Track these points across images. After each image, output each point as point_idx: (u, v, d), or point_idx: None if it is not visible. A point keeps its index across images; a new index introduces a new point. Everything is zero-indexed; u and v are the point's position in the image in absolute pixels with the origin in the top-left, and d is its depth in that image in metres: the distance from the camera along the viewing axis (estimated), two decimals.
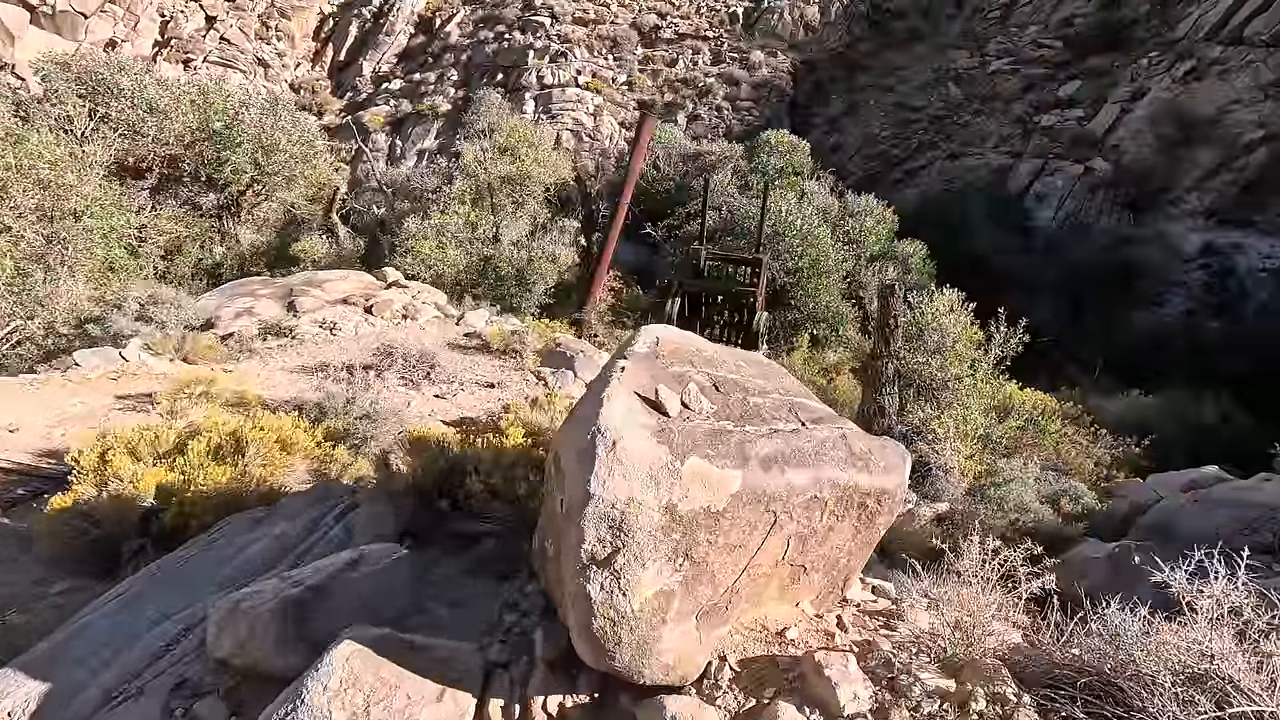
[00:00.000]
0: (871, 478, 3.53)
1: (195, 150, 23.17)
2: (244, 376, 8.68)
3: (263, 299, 11.16)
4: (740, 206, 24.73)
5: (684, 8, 47.56)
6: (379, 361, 8.51)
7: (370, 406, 6.65)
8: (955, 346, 13.79)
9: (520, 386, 9.08)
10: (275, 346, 9.83)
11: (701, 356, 3.88)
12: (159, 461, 5.10)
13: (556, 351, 9.84)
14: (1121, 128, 35.39)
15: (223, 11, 46.40)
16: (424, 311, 11.16)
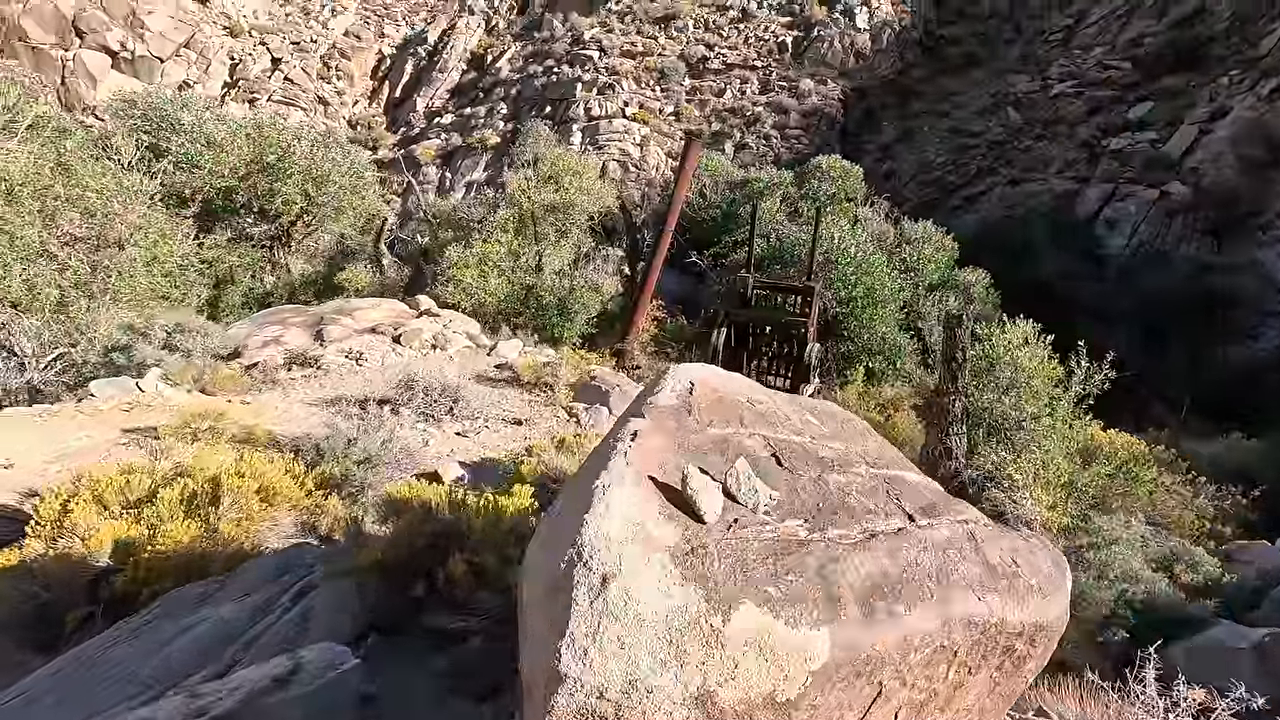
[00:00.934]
0: (1021, 606, 2.38)
1: (249, 182, 23.65)
2: (261, 409, 8.22)
3: (292, 328, 10.82)
4: (790, 234, 23.82)
5: (732, 38, 47.49)
6: (398, 395, 7.93)
7: (378, 448, 6.00)
8: (1031, 383, 12.47)
9: (550, 424, 8.36)
10: (299, 377, 9.39)
11: (754, 411, 2.83)
12: (128, 511, 4.53)
13: (591, 385, 9.10)
14: (1200, 150, 33.26)
15: (287, 53, 48.50)
16: (454, 341, 10.61)
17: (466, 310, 20.27)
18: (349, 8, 65.15)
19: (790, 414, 2.98)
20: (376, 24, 64.43)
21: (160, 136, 22.67)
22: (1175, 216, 31.82)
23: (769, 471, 2.42)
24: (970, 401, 13.02)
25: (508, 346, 10.69)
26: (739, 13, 49.09)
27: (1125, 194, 33.61)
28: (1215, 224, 30.81)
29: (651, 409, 2.54)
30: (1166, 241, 31.44)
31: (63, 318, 12.67)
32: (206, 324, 10.25)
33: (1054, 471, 11.06)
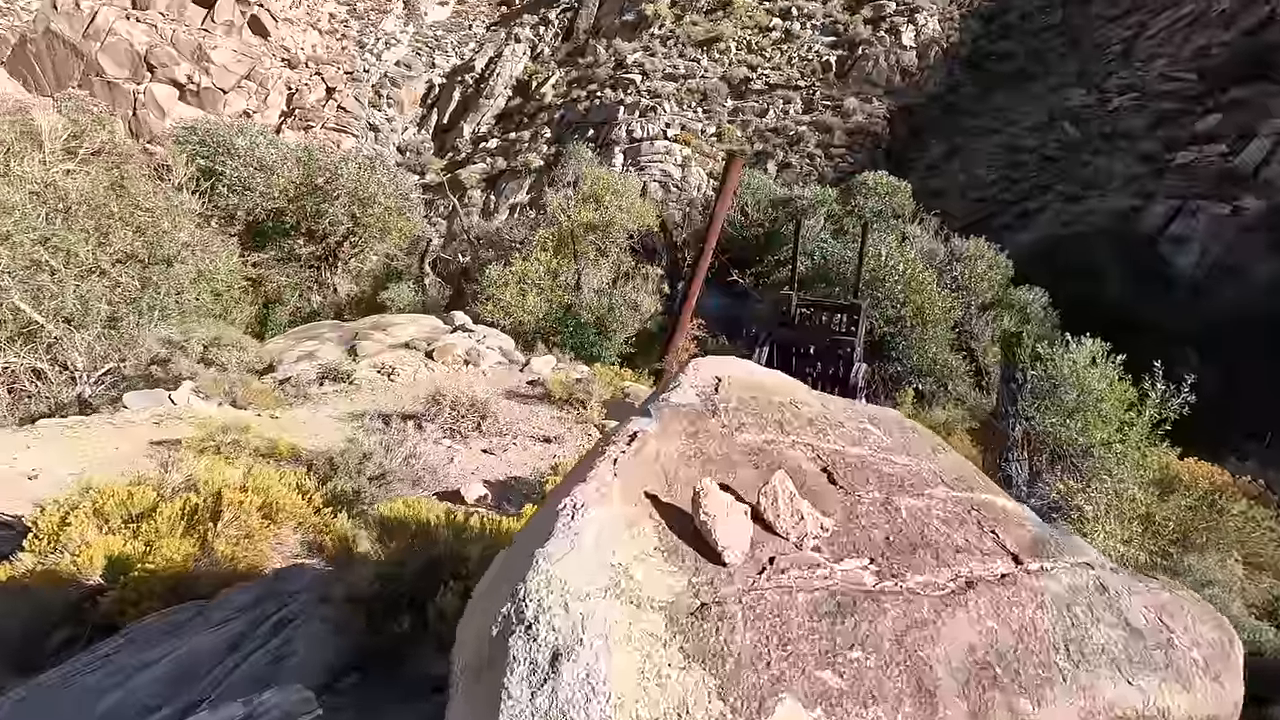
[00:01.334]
0: (1187, 690, 1.68)
1: (298, 204, 24.22)
2: (289, 423, 8.08)
3: (328, 343, 10.79)
4: (834, 252, 23.16)
5: (775, 59, 47.34)
6: (425, 410, 7.69)
7: (397, 464, 5.73)
8: (1100, 406, 11.57)
9: (580, 442, 7.98)
10: (331, 392, 9.28)
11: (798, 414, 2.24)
12: (128, 525, 4.31)
13: (625, 403, 8.73)
14: (1277, 162, 31.40)
15: (341, 83, 50.32)
16: (487, 357, 10.40)
17: (505, 329, 20.22)
18: (402, 41, 67.58)
19: (844, 419, 2.35)
20: (427, 55, 66.58)
21: (216, 160, 23.49)
22: (1253, 232, 29.97)
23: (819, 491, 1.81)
24: (1031, 425, 12.16)
25: (541, 363, 10.42)
26: (782, 34, 48.98)
27: (1194, 209, 31.87)
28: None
29: (663, 408, 1.96)
30: (1242, 258, 29.59)
31: (112, 333, 12.94)
32: (243, 338, 10.28)
33: (1129, 503, 10.13)
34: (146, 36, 42.44)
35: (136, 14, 43.59)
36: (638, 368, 21.91)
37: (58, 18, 41.72)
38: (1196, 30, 39.01)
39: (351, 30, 65.98)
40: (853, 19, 48.00)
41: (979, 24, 47.05)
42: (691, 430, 1.78)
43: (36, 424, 7.79)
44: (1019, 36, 46.34)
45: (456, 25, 73.52)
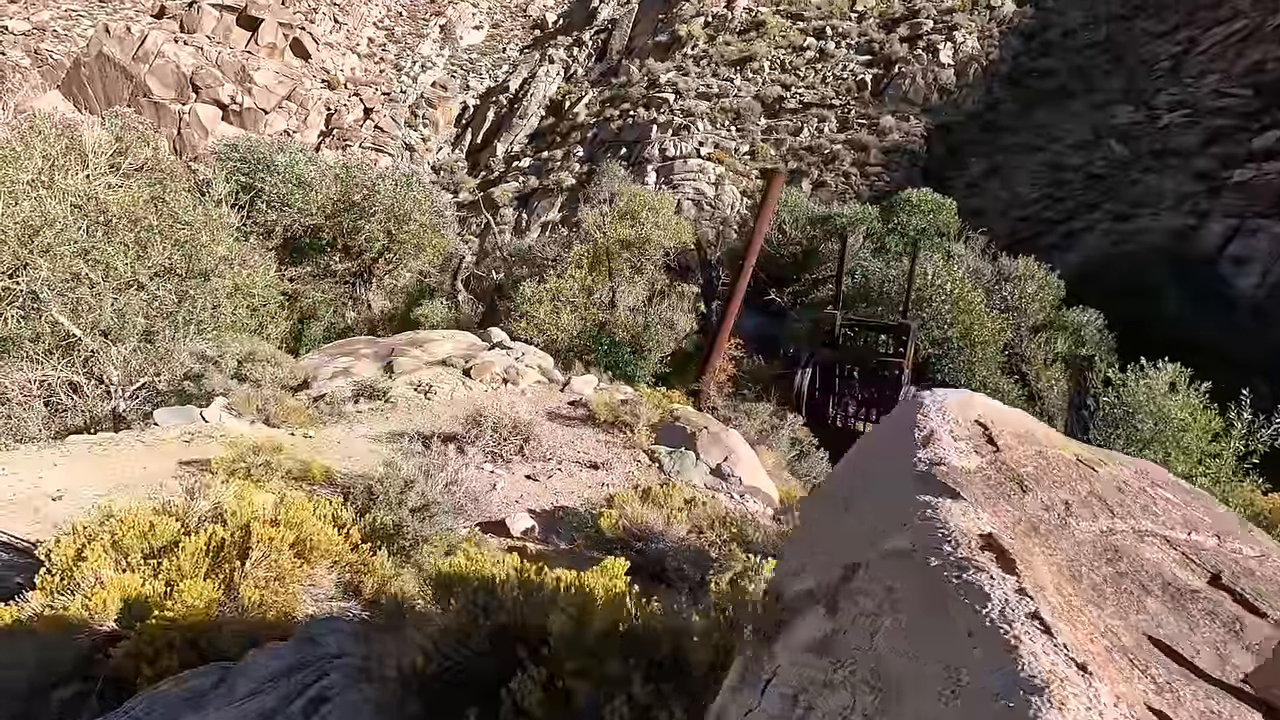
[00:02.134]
0: None
1: (335, 220, 24.32)
2: (322, 443, 7.71)
3: (363, 359, 10.48)
4: (876, 271, 22.46)
5: (809, 78, 47.00)
6: (465, 432, 7.25)
7: (438, 491, 5.27)
8: (1181, 437, 10.72)
9: (629, 468, 7.46)
10: (366, 410, 8.92)
11: (1100, 479, 1.60)
12: (148, 561, 3.89)
13: (674, 427, 8.19)
14: None
15: (379, 104, 51.20)
16: (526, 375, 9.97)
17: (539, 345, 19.87)
18: (437, 64, 68.88)
19: (1128, 478, 1.71)
20: (462, 77, 67.72)
21: (256, 177, 23.73)
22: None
23: (1241, 625, 1.18)
24: None
25: (582, 382, 9.95)
26: (816, 53, 48.68)
27: (1254, 229, 30.51)
28: None
29: (952, 475, 1.32)
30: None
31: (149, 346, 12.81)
32: (277, 353, 10.03)
33: None
34: (193, 59, 43.69)
35: (184, 37, 44.97)
36: (673, 387, 21.40)
37: (110, 41, 43.18)
38: (1251, 45, 37.72)
39: (389, 54, 67.47)
40: (889, 37, 47.52)
41: (1019, 41, 46.22)
42: (1023, 524, 1.19)
43: (66, 440, 7.53)
44: (1061, 53, 45.37)
45: (491, 48, 74.78)
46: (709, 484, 7.15)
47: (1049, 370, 20.87)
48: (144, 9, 52.65)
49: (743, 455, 7.58)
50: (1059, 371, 20.89)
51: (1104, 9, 47.57)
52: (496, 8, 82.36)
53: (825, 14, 51.43)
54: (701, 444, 7.74)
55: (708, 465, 7.42)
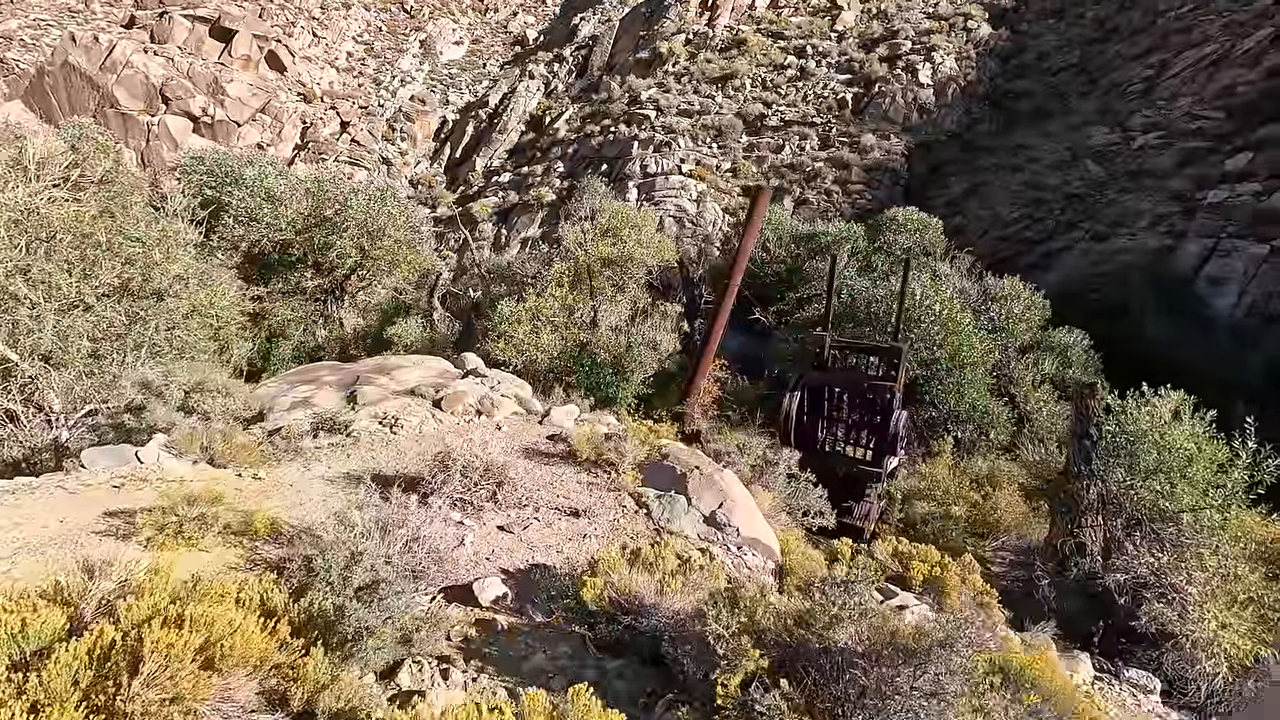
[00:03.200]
0: None
1: (306, 235, 23.48)
2: (273, 486, 6.93)
3: (325, 388, 9.67)
4: (863, 290, 22.08)
5: (790, 96, 47.11)
6: (432, 475, 6.48)
7: (394, 554, 4.51)
8: (1187, 468, 10.29)
9: (613, 514, 6.72)
10: (325, 446, 8.14)
11: None
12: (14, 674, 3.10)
13: (663, 466, 7.49)
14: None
15: (355, 117, 50.37)
16: (502, 406, 9.22)
17: (517, 368, 19.10)
18: (417, 79, 68.26)
19: None
20: (441, 92, 67.13)
21: (223, 191, 22.83)
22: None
23: None
24: (1108, 488, 10.86)
25: (562, 414, 9.23)
26: (797, 71, 48.87)
27: (1229, 249, 30.79)
28: None
29: None
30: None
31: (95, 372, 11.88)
32: (230, 382, 9.19)
33: (1236, 583, 8.78)
34: (163, 69, 42.55)
35: (154, 47, 43.83)
36: (655, 408, 20.76)
37: (76, 50, 41.93)
38: (1221, 69, 38.46)
39: (368, 68, 66.73)
40: (868, 57, 47.87)
41: (996, 63, 46.80)
42: None
43: None
44: (1036, 75, 46.01)
45: (471, 64, 74.42)
46: (703, 534, 6.43)
47: (1037, 392, 20.60)
48: (115, 19, 51.45)
49: (738, 499, 6.89)
50: (1047, 393, 20.63)
51: (1077, 32, 48.46)
52: (477, 24, 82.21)
53: (805, 33, 51.75)
54: (693, 486, 7.01)
55: (700, 512, 6.70)
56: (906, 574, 7.14)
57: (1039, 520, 15.28)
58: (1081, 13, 50.47)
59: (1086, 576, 11.14)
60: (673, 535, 6.27)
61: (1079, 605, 10.94)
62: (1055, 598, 10.90)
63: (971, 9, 50.18)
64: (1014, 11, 50.46)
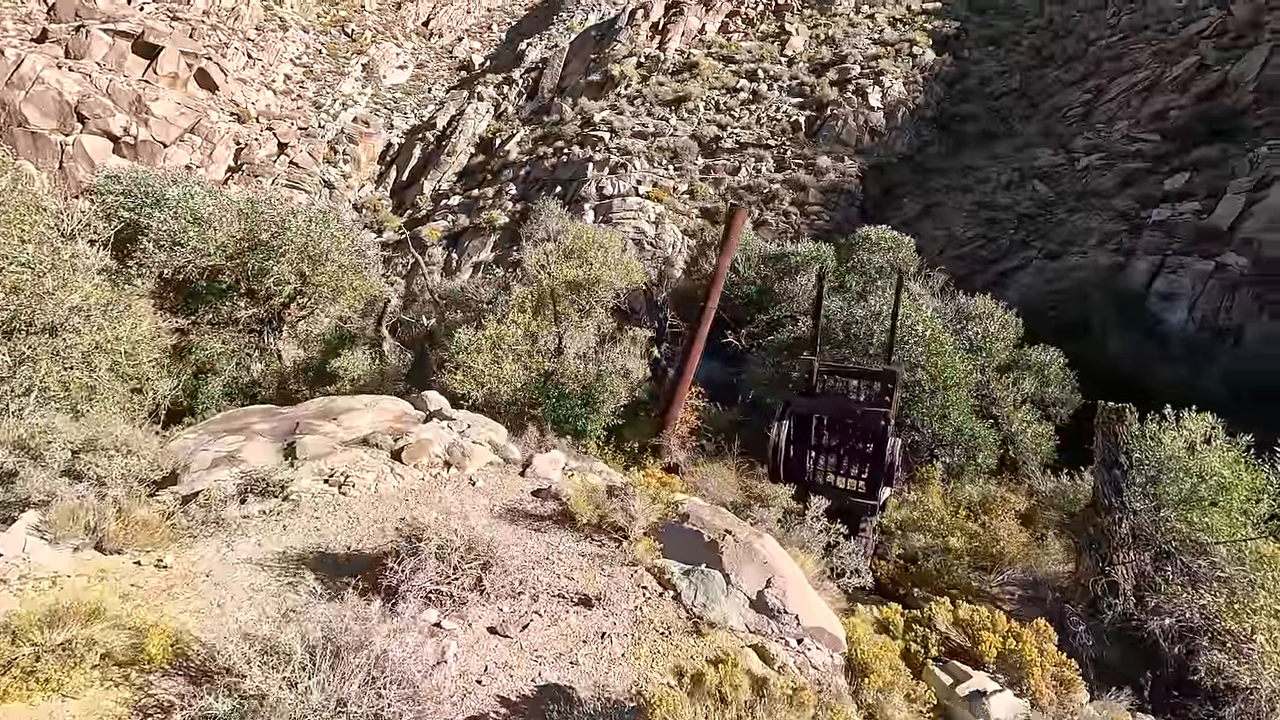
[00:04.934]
0: None
1: (238, 261, 21.41)
2: (182, 578, 5.30)
3: (257, 438, 7.98)
4: (837, 311, 21.33)
5: (744, 118, 47.06)
6: (398, 560, 4.95)
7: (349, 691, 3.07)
8: (1225, 496, 9.52)
9: (634, 600, 5.28)
10: (256, 514, 6.51)
11: None
12: None
13: (683, 530, 6.10)
14: (1251, 219, 31.46)
15: (294, 139, 47.96)
16: (475, 456, 7.70)
17: (477, 401, 17.49)
18: (359, 102, 66.03)
19: None
20: (386, 116, 65.06)
21: (143, 213, 20.66)
22: (1238, 289, 29.59)
23: None
24: (1145, 522, 10.01)
25: (547, 463, 7.77)
26: (749, 94, 48.97)
27: (1176, 266, 31.55)
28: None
29: None
30: (1232, 316, 29.08)
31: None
32: (133, 435, 7.44)
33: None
34: (79, 86, 39.51)
35: (69, 63, 40.74)
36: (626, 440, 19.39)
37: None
38: (1154, 94, 40.07)
39: (308, 91, 64.20)
40: (819, 81, 48.36)
41: (942, 87, 47.89)
42: None
43: None
44: (981, 99, 47.25)
45: (415, 88, 72.62)
46: (751, 624, 5.08)
47: (1019, 412, 20.09)
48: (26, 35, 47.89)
49: (788, 575, 5.54)
50: (1028, 413, 20.14)
51: (1016, 59, 50.15)
52: (422, 48, 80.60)
53: (756, 57, 52.09)
54: (729, 558, 5.62)
55: (743, 593, 5.34)
56: (976, 648, 6.01)
57: (1042, 550, 14.47)
58: (1018, 40, 52.39)
59: (1123, 619, 10.20)
60: (713, 628, 4.93)
61: (1118, 653, 9.95)
62: (1092, 645, 9.89)
63: (916, 35, 51.46)
64: (956, 38, 51.98)
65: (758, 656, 4.63)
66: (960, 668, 5.70)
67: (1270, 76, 36.83)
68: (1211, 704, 8.76)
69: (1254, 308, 28.91)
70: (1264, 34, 38.93)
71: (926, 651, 5.99)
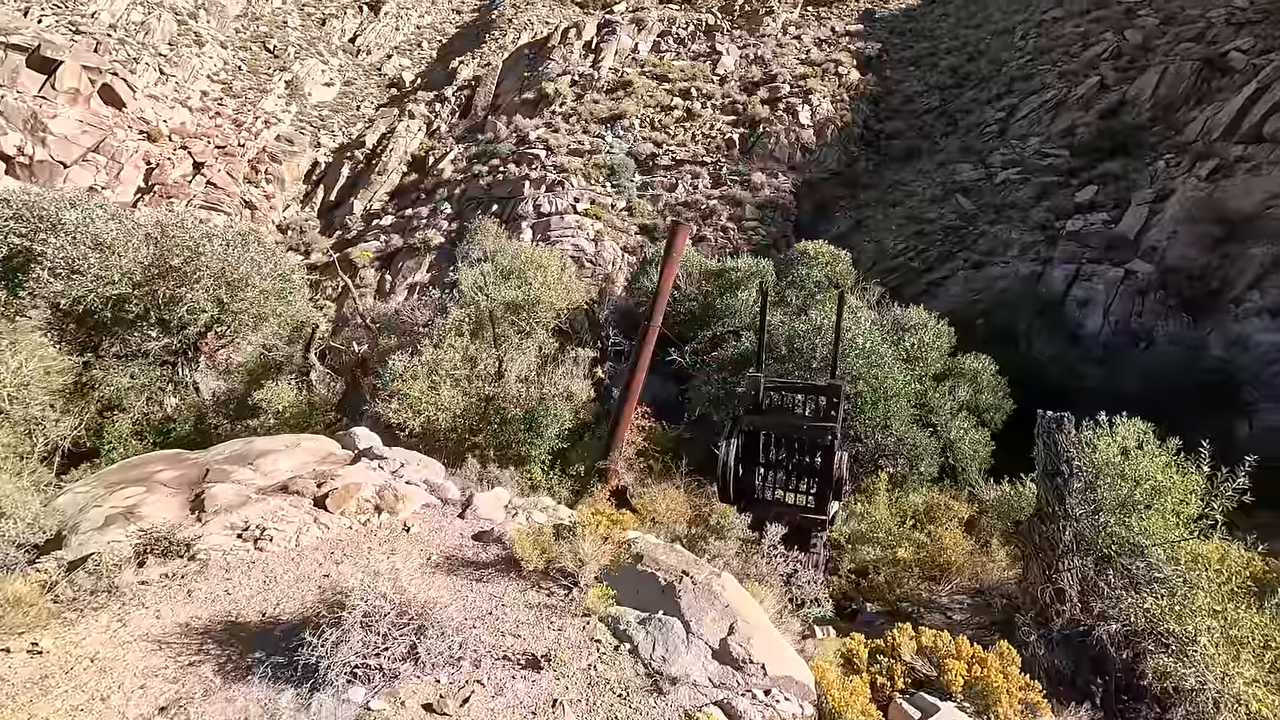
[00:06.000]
0: None
1: (147, 288, 19.95)
2: (61, 666, 4.55)
3: (161, 489, 7.13)
4: (778, 325, 21.44)
5: (679, 136, 47.52)
6: (315, 634, 4.34)
7: None
8: (1161, 500, 9.77)
9: (588, 658, 4.81)
10: (156, 579, 5.75)
11: None
12: None
13: (638, 573, 5.68)
14: (1154, 228, 33.60)
15: (212, 158, 45.65)
16: (409, 498, 7.07)
17: (416, 430, 16.68)
18: (283, 120, 63.57)
19: None
20: (312, 134, 62.83)
21: (35, 239, 19.04)
22: (1146, 294, 31.44)
23: None
24: (1088, 528, 10.19)
25: (488, 501, 7.21)
26: (684, 112, 49.53)
27: (1090, 273, 33.33)
28: (1187, 300, 30.46)
29: None
30: (1145, 319, 30.84)
31: None
32: (9, 495, 6.50)
33: (1245, 627, 8.14)
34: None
35: None
36: (572, 464, 18.87)
37: None
38: (1061, 112, 42.52)
39: (227, 108, 61.41)
40: (750, 99, 49.35)
41: (868, 106, 49.62)
42: None
43: None
44: (905, 117, 49.16)
45: (343, 105, 70.56)
46: (715, 676, 4.67)
47: (956, 419, 20.57)
48: None
49: (752, 619, 5.15)
50: (965, 420, 20.65)
51: (935, 79, 52.47)
52: (349, 65, 78.48)
53: (689, 76, 52.81)
54: (687, 604, 5.19)
55: (705, 643, 4.92)
56: (942, 677, 5.83)
57: (987, 557, 14.69)
58: (936, 61, 54.91)
59: (1070, 624, 10.32)
60: (675, 684, 4.53)
61: (1069, 659, 10.04)
62: (1044, 654, 9.95)
63: (840, 55, 53.26)
64: (878, 59, 54.09)
65: (724, 715, 4.27)
66: (928, 700, 5.51)
67: (1163, 95, 39.62)
68: (1159, 707, 8.90)
69: (1161, 310, 30.76)
70: (1155, 56, 41.93)
71: (893, 684, 5.79)
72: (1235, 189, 31.78)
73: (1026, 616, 10.51)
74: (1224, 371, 25.59)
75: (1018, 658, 6.59)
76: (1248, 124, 33.86)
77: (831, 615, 9.42)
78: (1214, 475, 10.26)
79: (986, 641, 10.98)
